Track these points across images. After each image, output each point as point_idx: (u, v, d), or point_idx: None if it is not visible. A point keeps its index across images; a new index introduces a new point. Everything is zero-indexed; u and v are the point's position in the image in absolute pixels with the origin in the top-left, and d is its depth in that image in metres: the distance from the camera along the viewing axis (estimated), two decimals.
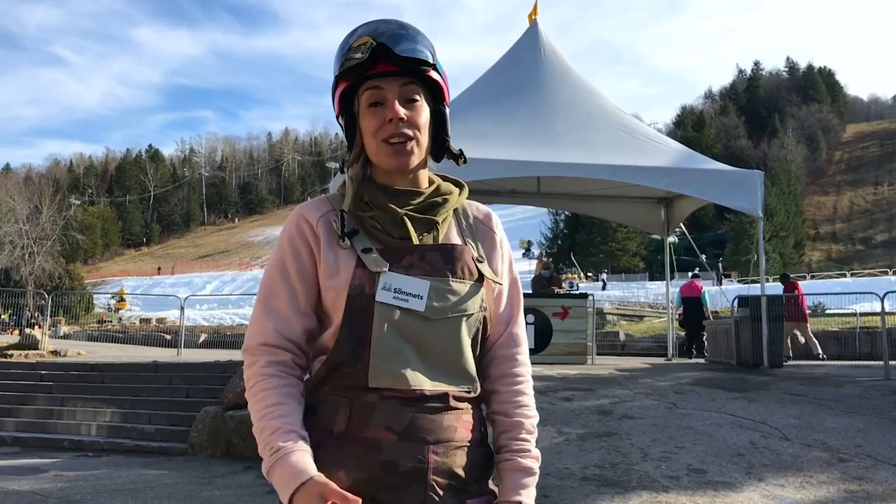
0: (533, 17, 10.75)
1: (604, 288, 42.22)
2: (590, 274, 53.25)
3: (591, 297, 12.33)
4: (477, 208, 1.44)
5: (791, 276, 16.12)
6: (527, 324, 10.67)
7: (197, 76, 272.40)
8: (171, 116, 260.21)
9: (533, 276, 14.24)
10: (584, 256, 59.96)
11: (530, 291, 12.59)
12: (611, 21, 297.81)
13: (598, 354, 12.76)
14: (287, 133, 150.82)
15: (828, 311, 17.77)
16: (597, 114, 10.20)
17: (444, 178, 1.41)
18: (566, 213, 58.96)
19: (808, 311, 13.86)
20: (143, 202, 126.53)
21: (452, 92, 1.42)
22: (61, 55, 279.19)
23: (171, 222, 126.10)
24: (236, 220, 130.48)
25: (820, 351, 13.11)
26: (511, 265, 1.44)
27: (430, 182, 1.38)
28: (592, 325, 12.27)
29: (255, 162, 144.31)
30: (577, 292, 17.39)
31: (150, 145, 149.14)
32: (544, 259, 23.16)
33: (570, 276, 42.90)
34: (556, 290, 13.25)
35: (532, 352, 10.98)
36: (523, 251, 58.26)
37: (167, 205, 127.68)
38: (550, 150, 9.27)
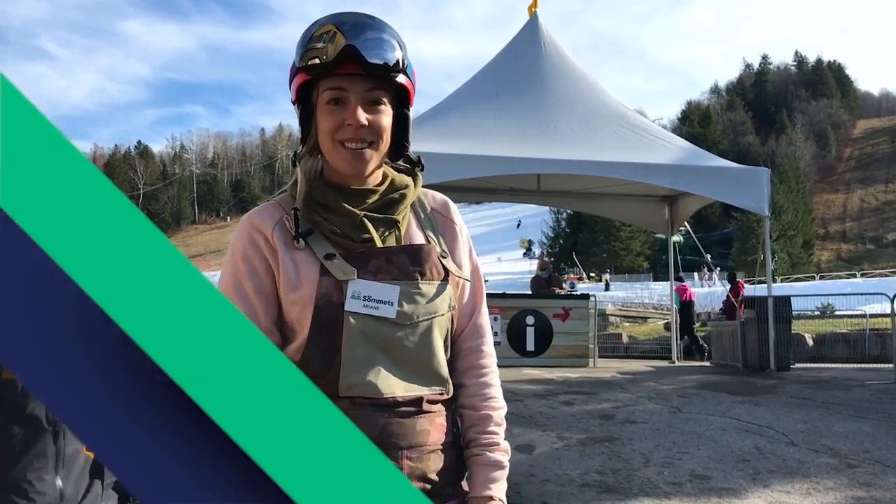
0: (533, 9, 10.61)
1: (607, 288, 42.15)
2: (592, 274, 53.13)
3: (592, 298, 12.21)
4: (433, 198, 1.41)
5: (737, 276, 16.68)
6: (526, 325, 10.62)
7: (187, 70, 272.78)
8: (160, 112, 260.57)
9: (532, 275, 14.13)
10: (587, 256, 59.94)
11: (529, 292, 12.47)
12: (613, 14, 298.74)
13: (599, 357, 12.67)
14: (281, 129, 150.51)
15: (837, 313, 17.59)
16: (599, 109, 10.05)
17: (397, 169, 1.36)
18: (568, 211, 58.94)
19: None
20: (132, 200, 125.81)
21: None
22: (47, 49, 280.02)
23: (161, 221, 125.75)
24: (228, 218, 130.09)
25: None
26: (471, 253, 1.40)
27: (384, 176, 1.33)
28: (594, 326, 12.17)
29: (248, 159, 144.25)
30: (578, 293, 17.30)
31: (139, 142, 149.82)
32: (544, 259, 23.07)
33: (571, 275, 42.76)
34: (557, 290, 13.09)
35: (532, 354, 10.88)
36: (524, 251, 58.23)
37: (157, 203, 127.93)
38: (551, 146, 9.12)
